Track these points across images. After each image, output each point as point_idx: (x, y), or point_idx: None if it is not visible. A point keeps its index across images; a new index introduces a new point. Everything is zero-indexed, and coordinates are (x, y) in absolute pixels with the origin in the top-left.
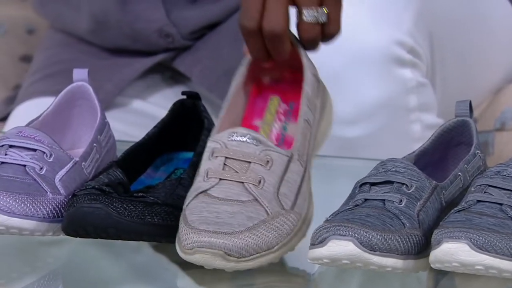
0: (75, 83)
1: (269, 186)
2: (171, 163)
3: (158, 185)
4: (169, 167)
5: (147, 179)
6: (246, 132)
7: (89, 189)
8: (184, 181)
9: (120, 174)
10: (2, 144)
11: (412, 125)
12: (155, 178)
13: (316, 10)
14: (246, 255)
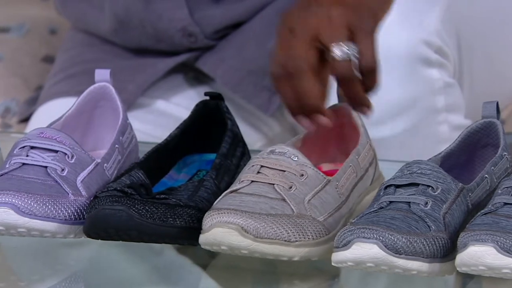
0: (97, 83)
1: (300, 193)
2: (193, 164)
3: (181, 187)
4: (191, 169)
5: (169, 181)
6: (286, 148)
7: (111, 191)
8: (207, 183)
9: (142, 175)
10: (24, 145)
11: (439, 126)
12: (177, 180)
13: (344, 46)
14: (264, 236)
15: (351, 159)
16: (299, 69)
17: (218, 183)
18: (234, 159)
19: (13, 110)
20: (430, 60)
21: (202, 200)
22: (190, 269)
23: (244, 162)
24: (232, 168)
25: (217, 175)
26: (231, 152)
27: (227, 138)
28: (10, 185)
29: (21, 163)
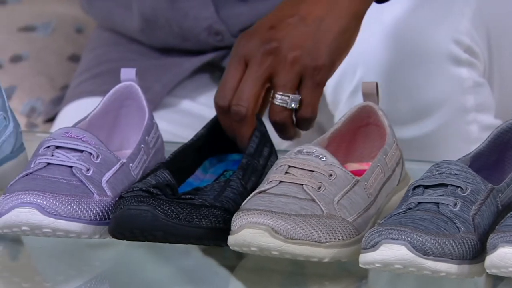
0: (123, 82)
1: (329, 193)
2: (220, 164)
3: (207, 187)
4: (218, 169)
5: (195, 181)
6: (314, 147)
7: (136, 191)
8: (233, 183)
9: (168, 175)
10: (49, 145)
11: (469, 126)
12: (204, 180)
13: (288, 96)
14: (294, 237)
15: (379, 158)
16: (243, 114)
17: (245, 183)
18: (261, 159)
19: (38, 109)
20: (460, 59)
21: (229, 200)
22: (217, 270)
23: (271, 162)
24: (259, 168)
25: (243, 175)
26: (258, 152)
27: (254, 138)
28: (35, 185)
29: (46, 163)
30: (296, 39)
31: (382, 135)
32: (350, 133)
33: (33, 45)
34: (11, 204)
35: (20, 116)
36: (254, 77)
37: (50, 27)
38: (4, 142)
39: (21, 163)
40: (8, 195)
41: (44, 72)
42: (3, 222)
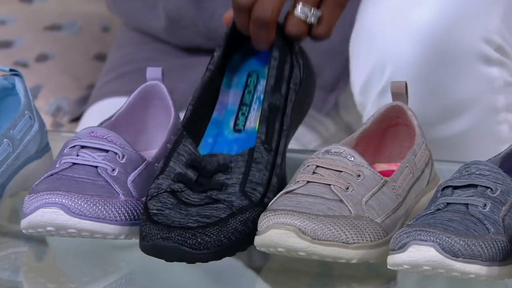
0: (149, 82)
1: (357, 194)
2: (241, 70)
3: (231, 161)
4: (241, 76)
5: (219, 114)
6: (342, 147)
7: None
8: (257, 155)
9: (191, 147)
10: (74, 144)
11: (499, 126)
12: (228, 107)
13: (309, 9)
14: (322, 238)
15: (408, 159)
16: (267, 21)
17: (269, 145)
18: (282, 89)
19: (64, 109)
20: (491, 58)
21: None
22: (243, 271)
23: (295, 77)
24: (281, 103)
25: (266, 134)
26: (277, 87)
27: (271, 73)
28: (60, 185)
29: (72, 163)
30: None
31: (411, 135)
32: (378, 133)
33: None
34: (36, 204)
35: (46, 116)
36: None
37: (76, 26)
38: (30, 142)
39: (46, 163)
40: (33, 195)
41: (70, 71)
42: (28, 222)
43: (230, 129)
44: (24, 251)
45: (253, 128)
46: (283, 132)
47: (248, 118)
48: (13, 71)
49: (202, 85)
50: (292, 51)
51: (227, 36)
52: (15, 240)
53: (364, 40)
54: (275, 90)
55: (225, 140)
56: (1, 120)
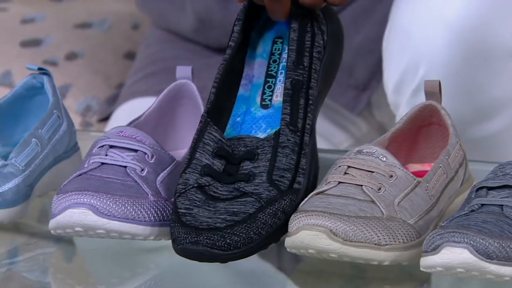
0: (178, 81)
1: (389, 195)
2: (266, 37)
3: (258, 147)
4: (266, 44)
5: (246, 91)
6: (374, 148)
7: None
8: (283, 138)
9: (217, 134)
10: (103, 144)
11: None
12: (254, 83)
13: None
14: (353, 239)
15: (441, 159)
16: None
17: (294, 126)
18: (305, 62)
19: (93, 108)
20: None
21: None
22: (274, 274)
23: (318, 51)
24: (304, 78)
25: (291, 115)
26: (299, 60)
27: (291, 46)
28: (88, 185)
29: (100, 163)
30: None
31: (444, 135)
32: (411, 133)
33: (88, 42)
34: (65, 205)
35: (75, 115)
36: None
37: (106, 24)
38: (58, 142)
39: (75, 163)
40: (62, 195)
41: (99, 70)
42: (56, 223)
43: (258, 105)
44: (53, 252)
45: (280, 103)
46: (309, 108)
47: (275, 91)
48: (42, 70)
49: (224, 64)
50: (313, 19)
51: (245, 8)
52: (44, 241)
53: (397, 38)
54: (298, 63)
55: (253, 117)
56: (29, 120)
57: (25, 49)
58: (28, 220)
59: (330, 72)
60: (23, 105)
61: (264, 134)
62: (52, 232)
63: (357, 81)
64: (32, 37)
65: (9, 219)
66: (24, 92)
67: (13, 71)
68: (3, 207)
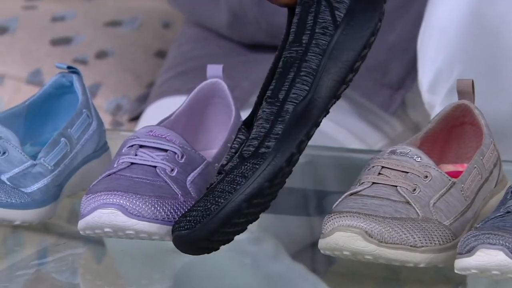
0: (209, 79)
1: (424, 195)
2: None
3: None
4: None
5: None
6: (408, 148)
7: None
8: (259, 113)
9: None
10: (132, 144)
11: None
12: None
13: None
14: (389, 241)
15: (476, 160)
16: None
17: (273, 99)
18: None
19: (124, 107)
20: None
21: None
22: (307, 276)
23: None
24: (299, 54)
25: (274, 88)
26: (297, 38)
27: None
28: (118, 185)
29: (130, 163)
30: None
31: (478, 135)
32: (444, 133)
33: (119, 41)
34: (94, 205)
35: (105, 114)
36: None
37: (137, 22)
38: (87, 141)
39: (104, 163)
40: (91, 196)
41: (130, 68)
42: (85, 223)
43: None
44: (82, 252)
45: None
46: (298, 78)
47: None
48: (71, 69)
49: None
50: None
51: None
52: (73, 242)
53: (433, 36)
54: (294, 42)
55: None
56: (58, 119)
57: (55, 48)
58: (58, 220)
59: (346, 46)
60: (52, 104)
61: None
62: (81, 233)
63: (391, 80)
64: (62, 35)
65: (38, 220)
66: (53, 91)
67: (43, 69)
68: (32, 207)
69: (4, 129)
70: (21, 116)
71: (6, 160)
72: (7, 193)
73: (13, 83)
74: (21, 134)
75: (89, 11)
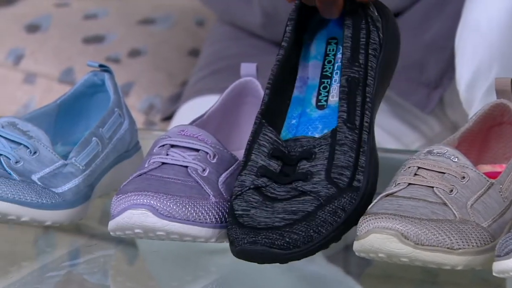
0: (243, 78)
1: (462, 197)
2: (320, 35)
3: (315, 146)
4: (319, 45)
5: (300, 93)
6: (445, 148)
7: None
8: (340, 135)
9: (272, 135)
10: (164, 143)
11: None
12: (308, 84)
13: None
14: (425, 243)
15: None
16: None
17: (352, 122)
18: (360, 59)
19: (157, 106)
20: None
21: (342, 173)
22: (342, 278)
23: (374, 42)
24: (361, 76)
25: (348, 111)
26: (354, 57)
27: (346, 41)
28: (148, 185)
29: (161, 163)
30: None
31: None
32: (482, 132)
33: (152, 39)
34: (124, 206)
35: (138, 114)
36: None
37: (170, 20)
38: (119, 141)
39: (136, 162)
40: (121, 196)
41: (163, 67)
42: (115, 224)
43: (313, 106)
44: (113, 253)
45: (336, 103)
46: (366, 105)
47: (331, 91)
48: (103, 67)
49: (278, 65)
50: (367, 15)
51: (297, 8)
52: (104, 242)
53: (471, 34)
54: (353, 61)
55: (309, 119)
56: (90, 118)
57: (88, 46)
58: (89, 221)
59: (388, 70)
60: (84, 103)
61: (320, 135)
62: (112, 234)
63: (428, 78)
64: (94, 33)
65: (69, 220)
66: (84, 90)
67: (75, 68)
68: (63, 207)
69: (35, 129)
70: (52, 115)
71: (37, 160)
72: (38, 194)
73: (45, 82)
74: (52, 134)
75: (121, 9)
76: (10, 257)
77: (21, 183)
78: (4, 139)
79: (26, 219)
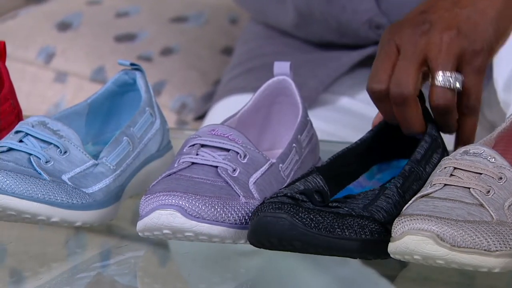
0: (276, 77)
1: (499, 198)
2: (388, 171)
3: (360, 194)
4: (385, 176)
5: (356, 188)
6: (482, 148)
7: (280, 197)
8: (389, 191)
9: (320, 181)
10: (194, 143)
11: None
12: (366, 187)
13: (450, 74)
14: (462, 245)
15: None
16: (406, 95)
17: (403, 193)
18: (428, 167)
19: (189, 106)
20: None
21: (379, 210)
22: (376, 281)
23: None
24: (424, 176)
25: (403, 183)
26: (426, 158)
27: (424, 143)
28: (177, 185)
29: (190, 162)
30: (450, 21)
31: None
32: None
33: (184, 37)
34: (152, 206)
35: (170, 113)
36: (410, 59)
37: (203, 18)
38: (150, 140)
39: (167, 162)
40: (149, 196)
41: (195, 66)
42: (144, 225)
43: None
44: (141, 255)
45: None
46: (414, 198)
47: None
48: (134, 66)
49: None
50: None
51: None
52: (135, 244)
53: None
54: (420, 162)
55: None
56: (121, 117)
57: (119, 44)
58: (120, 221)
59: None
60: (115, 102)
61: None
62: (140, 235)
63: None
64: (126, 31)
65: (99, 221)
66: (115, 89)
67: (106, 66)
68: (93, 208)
69: (66, 128)
70: (82, 115)
71: (67, 159)
72: (68, 194)
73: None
74: (83, 133)
75: (153, 6)
76: (40, 258)
77: (51, 183)
78: (35, 139)
79: (56, 219)
